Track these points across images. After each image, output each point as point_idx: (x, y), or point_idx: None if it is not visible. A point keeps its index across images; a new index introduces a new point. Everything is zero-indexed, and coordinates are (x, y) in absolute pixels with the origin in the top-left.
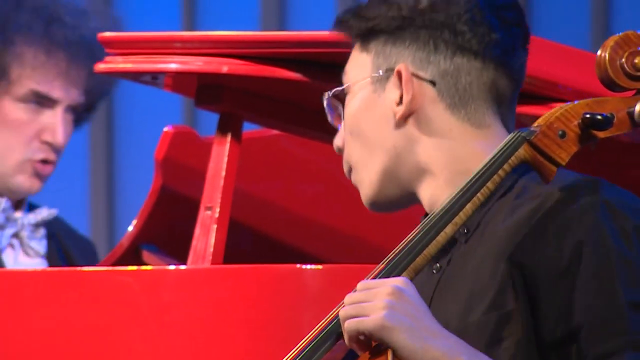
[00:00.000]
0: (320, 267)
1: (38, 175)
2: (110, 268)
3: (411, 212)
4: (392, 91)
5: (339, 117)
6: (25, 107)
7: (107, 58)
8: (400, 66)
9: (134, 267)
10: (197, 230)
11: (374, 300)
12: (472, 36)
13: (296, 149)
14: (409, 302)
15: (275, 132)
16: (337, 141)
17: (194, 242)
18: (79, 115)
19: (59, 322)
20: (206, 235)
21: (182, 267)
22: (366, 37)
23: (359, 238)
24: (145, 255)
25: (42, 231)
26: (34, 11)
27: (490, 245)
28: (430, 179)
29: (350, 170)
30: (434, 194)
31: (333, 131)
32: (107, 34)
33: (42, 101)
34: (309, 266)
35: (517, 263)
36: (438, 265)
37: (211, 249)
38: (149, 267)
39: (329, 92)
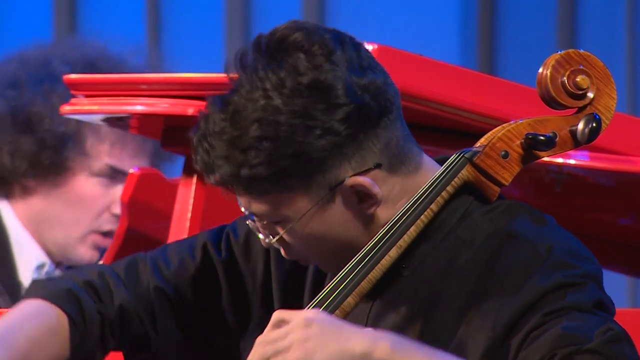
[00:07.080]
0: None
1: (97, 248)
2: None
3: None
4: (342, 199)
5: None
6: (99, 181)
7: (73, 100)
8: (347, 181)
9: None
10: None
11: (288, 337)
12: (368, 110)
13: None
14: (322, 330)
15: None
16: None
17: None
18: None
19: None
20: None
21: None
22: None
23: None
24: None
25: None
26: None
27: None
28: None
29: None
30: None
31: None
32: (73, 75)
33: (116, 175)
34: None
35: None
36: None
37: None
38: None
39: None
